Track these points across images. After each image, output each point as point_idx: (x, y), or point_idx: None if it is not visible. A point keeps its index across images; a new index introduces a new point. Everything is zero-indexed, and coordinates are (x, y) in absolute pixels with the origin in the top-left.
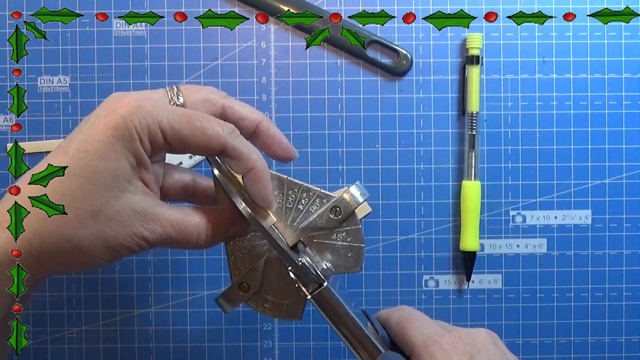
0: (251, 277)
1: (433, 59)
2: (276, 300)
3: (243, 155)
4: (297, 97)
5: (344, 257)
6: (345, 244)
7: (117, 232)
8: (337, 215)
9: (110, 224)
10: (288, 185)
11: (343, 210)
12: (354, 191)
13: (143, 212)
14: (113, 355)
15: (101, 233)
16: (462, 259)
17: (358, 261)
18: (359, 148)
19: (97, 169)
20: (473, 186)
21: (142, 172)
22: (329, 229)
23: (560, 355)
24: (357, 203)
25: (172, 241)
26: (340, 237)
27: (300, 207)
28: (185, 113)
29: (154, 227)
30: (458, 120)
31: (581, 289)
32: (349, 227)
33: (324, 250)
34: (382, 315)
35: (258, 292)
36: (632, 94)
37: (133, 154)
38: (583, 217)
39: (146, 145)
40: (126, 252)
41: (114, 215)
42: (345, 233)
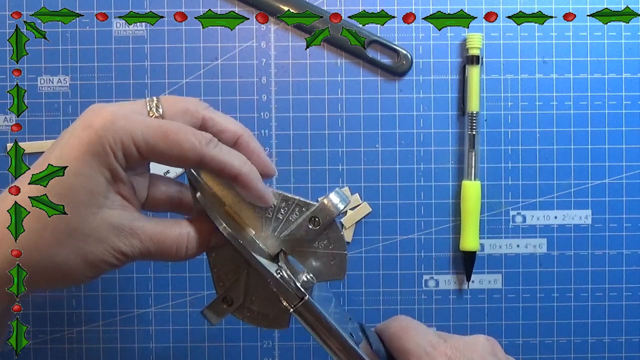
0: (234, 290)
1: (433, 59)
2: (261, 310)
3: (224, 165)
4: (297, 97)
5: (326, 265)
6: (327, 252)
7: (95, 248)
8: (316, 225)
9: (87, 241)
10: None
11: (322, 220)
12: (332, 199)
13: (121, 227)
14: (113, 355)
15: (80, 250)
16: (462, 259)
17: (341, 268)
18: (359, 148)
19: (73, 186)
20: (473, 186)
21: (119, 186)
22: (310, 240)
23: (560, 355)
24: (336, 212)
25: (151, 254)
26: (322, 245)
27: (280, 216)
28: (161, 126)
29: (133, 241)
30: (458, 120)
31: (581, 289)
32: (331, 235)
33: (307, 259)
34: (379, 327)
35: (243, 304)
36: (632, 94)
37: (108, 169)
38: (583, 217)
39: (120, 160)
40: (106, 266)
41: (92, 231)
42: (326, 241)
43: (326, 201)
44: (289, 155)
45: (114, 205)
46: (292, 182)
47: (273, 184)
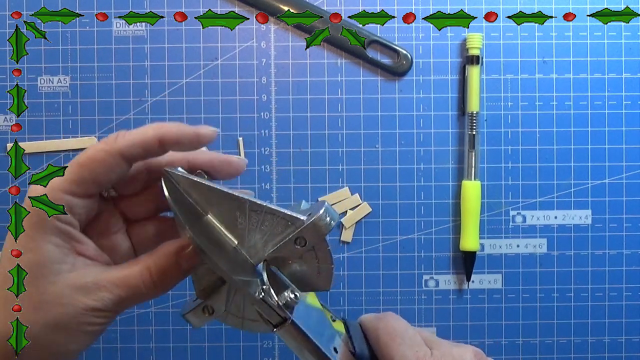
0: (215, 300)
1: (433, 59)
2: (246, 317)
3: (143, 139)
4: (297, 97)
5: (312, 276)
6: (313, 263)
7: (65, 313)
8: (302, 245)
9: (56, 309)
10: (250, 206)
11: (309, 241)
12: (320, 219)
13: (84, 285)
14: (113, 355)
15: (52, 321)
16: (462, 259)
17: (327, 281)
18: (359, 148)
19: (26, 263)
20: (473, 186)
21: (75, 246)
22: (295, 257)
23: (560, 355)
24: (325, 232)
25: (127, 300)
26: (307, 257)
27: (264, 228)
28: (72, 164)
29: (101, 294)
30: (458, 120)
31: (581, 289)
32: (318, 251)
33: (292, 268)
34: (365, 324)
35: (226, 311)
36: (632, 94)
37: (54, 234)
38: (583, 217)
39: (64, 219)
40: (91, 327)
41: (56, 299)
42: (313, 256)
43: (314, 221)
44: (289, 155)
45: (74, 267)
46: (292, 182)
47: (273, 183)
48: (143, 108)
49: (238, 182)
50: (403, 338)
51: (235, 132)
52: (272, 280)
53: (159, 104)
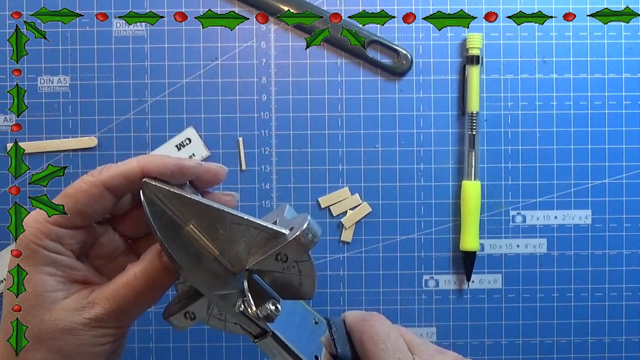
0: (197, 306)
1: (433, 59)
2: (229, 320)
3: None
4: (297, 97)
5: (294, 286)
6: (295, 275)
7: (65, 339)
8: (284, 260)
9: (56, 337)
10: (231, 219)
11: (290, 257)
12: (302, 236)
13: (79, 307)
14: None
15: (55, 349)
16: (462, 259)
17: (310, 291)
18: (359, 148)
19: (22, 298)
20: (473, 186)
21: (69, 272)
22: (277, 270)
23: (560, 355)
24: (307, 249)
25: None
26: (290, 269)
27: (246, 239)
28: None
29: (95, 311)
30: (458, 120)
31: (581, 289)
32: (300, 265)
33: (274, 278)
34: (349, 324)
35: (210, 315)
36: (632, 94)
37: (47, 264)
38: (583, 217)
39: (54, 249)
40: (95, 348)
41: (54, 325)
42: (295, 267)
43: (295, 238)
44: (289, 155)
45: (69, 294)
46: (292, 182)
47: (273, 183)
48: (143, 108)
49: (238, 182)
50: (386, 343)
51: (235, 132)
52: (253, 289)
53: (159, 104)
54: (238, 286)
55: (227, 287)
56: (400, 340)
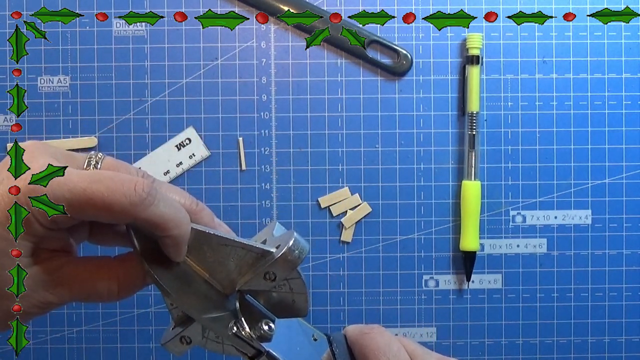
0: (191, 330)
1: (433, 59)
2: (226, 342)
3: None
4: (297, 97)
5: (287, 304)
6: (287, 293)
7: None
8: (272, 279)
9: (11, 298)
10: (217, 240)
11: (278, 275)
12: (289, 253)
13: (45, 280)
14: (113, 355)
15: (5, 307)
16: (462, 259)
17: (303, 308)
18: (359, 148)
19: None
20: (473, 186)
21: (42, 240)
22: (268, 288)
23: (560, 355)
24: (293, 267)
25: (82, 300)
26: (281, 287)
27: (234, 260)
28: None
29: (60, 291)
30: (458, 120)
31: (581, 289)
32: (291, 281)
33: (266, 297)
34: (351, 338)
35: (205, 338)
36: (632, 94)
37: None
38: (583, 217)
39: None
40: (30, 316)
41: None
42: (286, 285)
43: (282, 256)
44: (289, 155)
45: (37, 260)
46: (292, 182)
47: (273, 183)
48: (143, 108)
49: (238, 182)
50: (387, 355)
51: (235, 132)
52: (246, 310)
53: (159, 104)
54: (230, 308)
55: (220, 309)
56: (402, 351)
